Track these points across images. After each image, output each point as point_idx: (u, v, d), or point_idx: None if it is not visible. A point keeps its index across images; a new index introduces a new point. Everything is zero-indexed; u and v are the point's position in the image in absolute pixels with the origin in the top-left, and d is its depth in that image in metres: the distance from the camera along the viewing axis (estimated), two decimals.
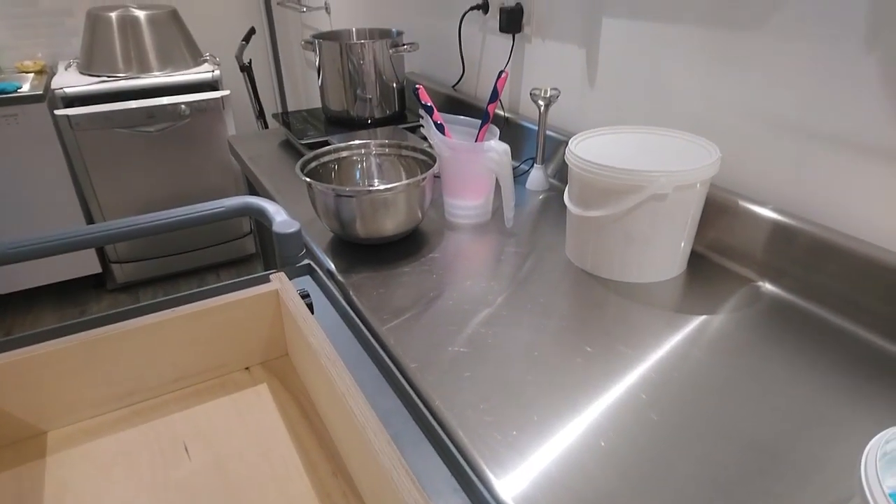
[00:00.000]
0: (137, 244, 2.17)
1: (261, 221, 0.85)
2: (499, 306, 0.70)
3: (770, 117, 0.73)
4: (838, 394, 0.56)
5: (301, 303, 0.56)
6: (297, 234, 0.78)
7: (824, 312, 0.67)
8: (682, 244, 0.73)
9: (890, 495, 0.34)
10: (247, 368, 0.60)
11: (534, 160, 1.05)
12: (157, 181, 2.10)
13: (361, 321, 0.71)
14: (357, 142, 0.92)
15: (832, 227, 0.69)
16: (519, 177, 1.08)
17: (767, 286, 0.73)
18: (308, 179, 0.81)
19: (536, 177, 1.02)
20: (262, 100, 2.54)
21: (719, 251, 0.79)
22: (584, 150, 0.75)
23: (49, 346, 0.50)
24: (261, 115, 2.49)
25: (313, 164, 0.87)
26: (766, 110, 0.74)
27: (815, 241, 0.68)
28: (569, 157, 0.74)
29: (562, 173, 1.05)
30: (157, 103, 1.97)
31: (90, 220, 2.11)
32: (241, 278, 0.69)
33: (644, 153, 0.74)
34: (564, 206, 0.95)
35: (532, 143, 1.11)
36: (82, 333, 0.51)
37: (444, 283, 0.76)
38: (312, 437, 0.51)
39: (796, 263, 0.70)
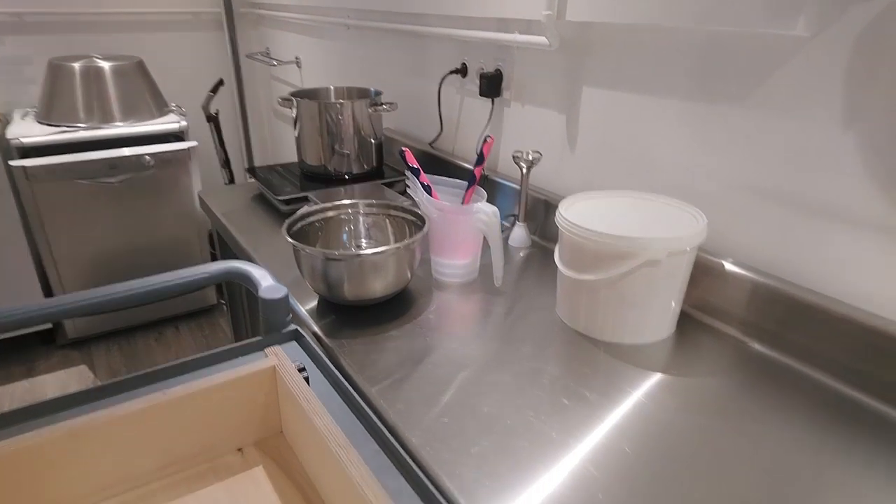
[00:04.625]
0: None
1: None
2: (495, 369, 0.69)
3: (752, 186, 0.77)
4: (832, 455, 0.57)
5: (302, 381, 0.54)
6: (285, 300, 0.75)
7: (811, 371, 0.69)
8: (673, 305, 0.75)
9: None
10: (239, 450, 0.57)
11: (515, 217, 1.06)
12: (118, 234, 2.03)
13: (354, 389, 0.69)
14: (344, 201, 0.91)
15: (814, 288, 0.71)
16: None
17: (755, 346, 0.74)
18: (294, 242, 0.79)
19: (519, 234, 1.03)
20: (228, 151, 2.52)
21: (706, 311, 0.80)
22: (574, 214, 0.76)
23: (28, 438, 0.46)
24: (226, 164, 2.45)
25: (299, 225, 0.86)
26: (748, 180, 0.77)
27: (798, 302, 0.70)
28: (560, 222, 0.75)
29: (542, 230, 1.06)
30: (120, 154, 1.92)
31: (43, 276, 2.00)
32: (231, 346, 0.66)
33: (632, 218, 0.76)
34: (548, 263, 0.96)
35: (509, 200, 1.13)
36: (63, 423, 0.48)
37: (435, 346, 0.74)
38: None
39: (781, 324, 0.72)
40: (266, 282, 0.78)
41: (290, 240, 0.80)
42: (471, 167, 1.23)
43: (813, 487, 0.54)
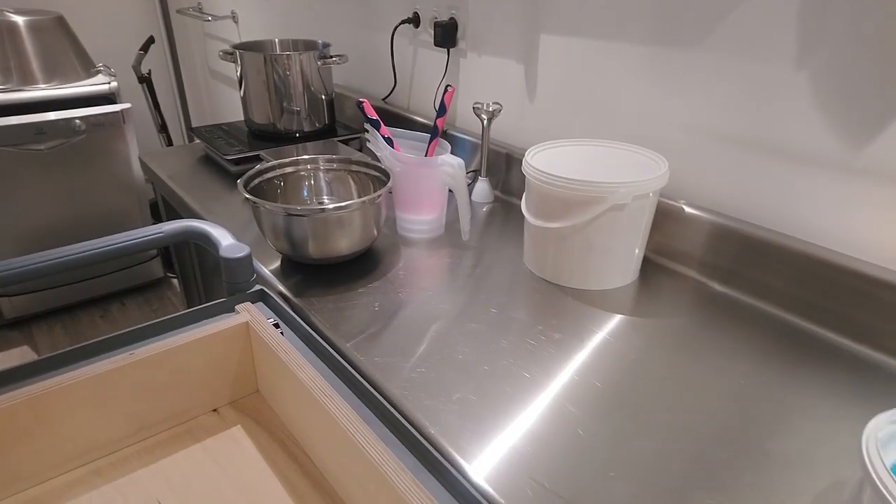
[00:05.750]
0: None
1: (200, 245, 0.78)
2: (467, 320, 0.70)
3: (711, 130, 0.78)
4: (790, 380, 0.61)
5: (278, 335, 0.52)
6: (248, 258, 0.73)
7: (767, 306, 0.73)
8: (637, 251, 0.77)
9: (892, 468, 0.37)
10: (215, 410, 0.55)
11: (477, 172, 1.05)
12: (50, 204, 1.90)
13: (328, 344, 0.68)
14: (304, 157, 0.88)
15: (773, 228, 0.74)
16: None
17: (715, 286, 0.77)
18: (253, 198, 0.76)
19: (481, 189, 1.03)
20: (163, 113, 2.38)
21: (667, 255, 0.83)
22: (540, 162, 0.76)
23: None
24: (163, 128, 2.33)
25: (256, 181, 0.82)
26: (708, 123, 0.79)
27: (752, 239, 0.73)
28: (527, 169, 0.75)
29: (504, 184, 1.06)
30: (47, 118, 1.78)
31: None
32: (199, 307, 0.64)
33: (596, 165, 0.77)
34: (512, 216, 0.96)
35: (468, 153, 1.12)
36: (28, 388, 0.45)
37: (406, 301, 0.74)
38: (304, 479, 0.48)
39: (737, 261, 0.75)
40: (226, 241, 0.74)
41: (247, 196, 0.77)
42: (428, 122, 1.21)
43: (777, 410, 0.57)
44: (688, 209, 0.79)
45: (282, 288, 0.77)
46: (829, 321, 0.68)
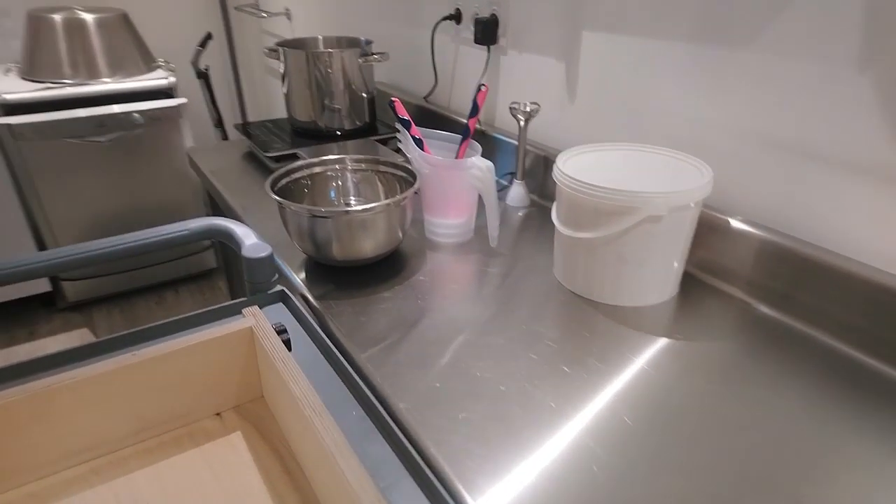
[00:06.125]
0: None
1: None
2: (490, 333, 0.67)
3: (760, 136, 0.72)
4: (842, 424, 0.54)
5: (279, 342, 0.51)
6: (269, 258, 0.72)
7: (820, 335, 0.66)
8: (676, 265, 0.71)
9: None
10: (217, 414, 0.54)
11: (513, 175, 1.02)
12: (109, 194, 1.98)
13: (342, 353, 0.66)
14: (331, 157, 0.87)
15: (827, 247, 0.67)
16: (498, 192, 1.05)
17: (762, 308, 0.71)
18: (279, 199, 0.76)
19: (517, 193, 0.99)
20: (220, 108, 2.45)
21: (710, 271, 0.77)
22: (572, 167, 0.72)
23: None
24: (219, 123, 2.39)
25: (284, 181, 0.82)
26: (757, 129, 0.72)
27: (808, 261, 0.66)
28: (557, 176, 0.71)
29: (542, 189, 1.02)
30: (108, 111, 1.86)
31: (38, 235, 1.97)
32: (209, 308, 0.63)
33: (634, 172, 0.72)
34: (547, 223, 0.92)
35: (508, 156, 1.08)
36: (30, 384, 0.45)
37: (427, 308, 0.71)
38: (294, 493, 0.46)
39: (790, 284, 0.69)
40: (249, 240, 0.74)
41: (274, 196, 0.76)
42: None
43: (821, 453, 0.51)
44: (734, 223, 0.73)
45: (303, 289, 0.76)
46: (891, 355, 0.61)
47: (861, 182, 0.64)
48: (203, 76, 2.27)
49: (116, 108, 1.88)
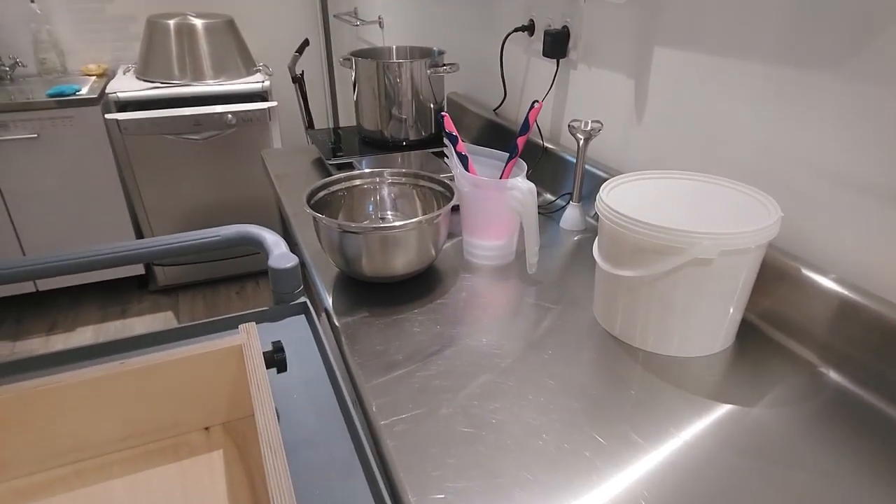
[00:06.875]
0: None
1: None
2: (508, 373, 0.61)
3: (846, 175, 0.61)
4: None
5: (261, 364, 0.48)
6: (294, 270, 0.71)
7: None
8: (731, 312, 0.62)
9: None
10: (206, 429, 0.53)
11: (570, 196, 0.95)
12: (199, 189, 2.11)
13: (350, 377, 0.64)
14: (370, 170, 0.85)
15: None
16: (555, 212, 0.99)
17: (832, 374, 0.60)
18: (312, 212, 0.74)
19: (572, 215, 0.92)
20: (314, 114, 2.54)
21: (775, 324, 0.67)
22: (618, 197, 0.65)
23: None
24: (311, 127, 2.48)
25: (322, 194, 0.81)
26: (841, 166, 0.61)
27: (892, 325, 0.55)
28: (599, 206, 0.64)
29: None
30: (204, 111, 1.98)
31: (136, 223, 2.14)
32: (211, 319, 0.63)
33: (690, 205, 0.63)
34: None
35: (570, 176, 1.02)
36: (18, 384, 0.46)
37: (449, 337, 0.67)
38: None
39: (869, 350, 0.57)
40: (279, 250, 0.74)
41: (308, 209, 0.75)
42: (537, 139, 1.12)
43: None
44: (806, 272, 0.62)
45: (328, 303, 0.75)
46: None
47: None
48: (298, 80, 2.36)
49: (211, 109, 2.00)
